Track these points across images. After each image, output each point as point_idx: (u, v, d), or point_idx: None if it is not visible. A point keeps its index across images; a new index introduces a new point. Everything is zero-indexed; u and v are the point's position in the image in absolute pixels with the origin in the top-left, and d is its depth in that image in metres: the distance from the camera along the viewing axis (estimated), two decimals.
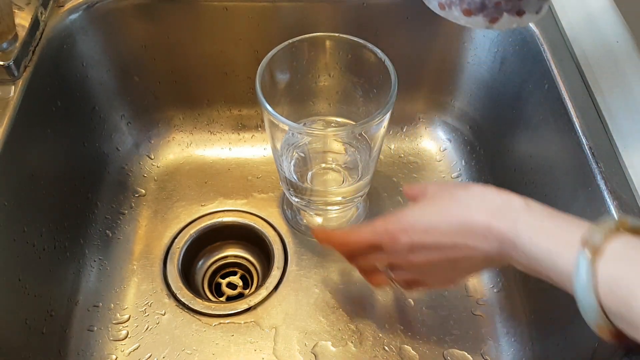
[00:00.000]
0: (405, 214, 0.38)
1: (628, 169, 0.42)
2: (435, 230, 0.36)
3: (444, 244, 0.36)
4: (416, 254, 0.38)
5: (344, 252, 0.43)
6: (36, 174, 0.48)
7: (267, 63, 0.45)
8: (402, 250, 0.38)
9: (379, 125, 0.44)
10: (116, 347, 0.50)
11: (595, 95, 0.46)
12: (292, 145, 0.51)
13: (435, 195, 0.38)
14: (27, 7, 0.49)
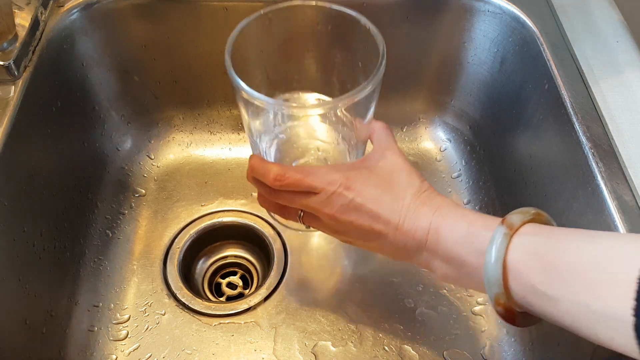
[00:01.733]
0: (359, 176, 0.38)
1: (628, 169, 0.42)
2: (374, 207, 0.37)
3: (370, 225, 0.38)
4: (346, 214, 0.38)
5: (276, 185, 0.39)
6: (36, 174, 0.48)
7: (236, 36, 0.40)
8: (336, 205, 0.38)
9: (366, 102, 0.39)
10: (116, 347, 0.50)
11: (595, 95, 0.46)
12: (272, 132, 0.45)
13: (380, 171, 0.39)
14: (27, 7, 0.49)
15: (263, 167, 0.39)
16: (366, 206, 0.37)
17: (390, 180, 0.38)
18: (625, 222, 0.39)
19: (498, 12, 0.54)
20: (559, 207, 0.46)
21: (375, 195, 0.37)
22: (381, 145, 0.41)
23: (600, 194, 0.41)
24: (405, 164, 0.40)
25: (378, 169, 0.39)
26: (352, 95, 0.36)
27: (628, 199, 0.40)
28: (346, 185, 0.37)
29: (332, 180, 0.37)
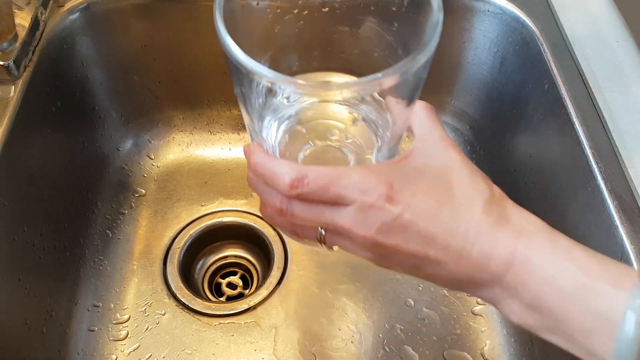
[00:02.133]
0: (407, 182, 0.28)
1: (628, 169, 0.42)
2: (429, 227, 0.28)
3: (424, 250, 0.28)
4: (389, 236, 0.28)
5: (292, 194, 0.28)
6: (36, 174, 0.48)
7: None
8: (375, 223, 0.28)
9: (415, 79, 0.28)
10: (116, 347, 0.50)
11: (595, 95, 0.46)
12: (275, 116, 0.34)
13: (432, 172, 0.29)
14: (27, 7, 0.49)
15: (272, 167, 0.29)
16: (417, 225, 0.27)
17: (449, 187, 0.28)
18: (625, 222, 0.39)
19: (498, 12, 0.54)
20: (559, 207, 0.46)
21: (431, 208, 0.27)
22: (428, 136, 0.31)
23: (600, 194, 0.41)
24: (465, 161, 0.30)
25: (430, 171, 0.29)
26: (400, 68, 0.26)
27: (628, 199, 0.40)
28: (389, 195, 0.27)
29: (368, 188, 0.27)
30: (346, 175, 0.28)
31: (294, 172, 0.28)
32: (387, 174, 0.28)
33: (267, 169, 0.29)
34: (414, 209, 0.27)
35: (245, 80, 0.28)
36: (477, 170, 0.30)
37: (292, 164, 0.29)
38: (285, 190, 0.28)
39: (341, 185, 0.27)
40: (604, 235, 0.40)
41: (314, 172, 0.28)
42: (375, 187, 0.27)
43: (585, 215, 0.43)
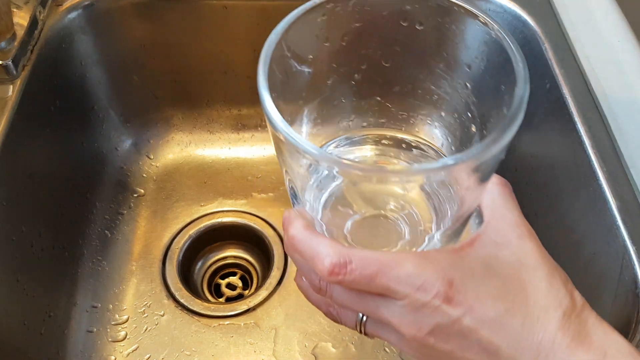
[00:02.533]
0: (471, 279, 0.24)
1: (630, 169, 0.41)
2: (493, 337, 0.24)
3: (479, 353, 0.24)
4: (443, 340, 0.24)
5: (332, 280, 0.24)
6: (34, 174, 0.47)
7: (276, 42, 0.26)
8: (428, 323, 0.24)
9: (493, 159, 0.24)
10: (115, 348, 0.50)
11: (596, 95, 0.46)
12: (321, 177, 0.29)
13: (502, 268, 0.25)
14: (26, 6, 0.48)
15: (311, 245, 0.25)
16: (479, 333, 0.23)
17: (521, 289, 0.24)
18: (627, 222, 0.39)
19: (499, 11, 0.54)
20: (561, 207, 0.46)
21: (497, 316, 0.23)
22: (500, 220, 0.26)
23: (602, 194, 0.41)
24: (543, 257, 0.25)
25: (500, 266, 0.24)
26: (476, 154, 0.22)
27: (630, 199, 0.40)
28: (448, 294, 0.23)
29: (424, 284, 0.23)
30: (398, 264, 0.24)
31: (336, 255, 0.24)
32: (448, 267, 0.24)
33: (306, 247, 0.25)
34: (476, 314, 0.23)
35: (288, 152, 0.24)
36: (556, 268, 0.25)
37: (335, 244, 0.25)
38: (324, 275, 0.24)
39: (391, 277, 0.23)
40: (605, 236, 0.40)
41: (360, 258, 0.24)
42: (433, 283, 0.23)
43: (586, 215, 0.43)
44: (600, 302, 0.40)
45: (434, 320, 0.23)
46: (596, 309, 0.36)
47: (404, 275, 0.23)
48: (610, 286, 0.39)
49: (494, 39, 0.25)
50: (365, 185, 0.29)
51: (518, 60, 0.24)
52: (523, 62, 0.24)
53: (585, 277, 0.42)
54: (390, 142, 0.32)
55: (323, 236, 0.25)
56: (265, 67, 0.25)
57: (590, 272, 0.42)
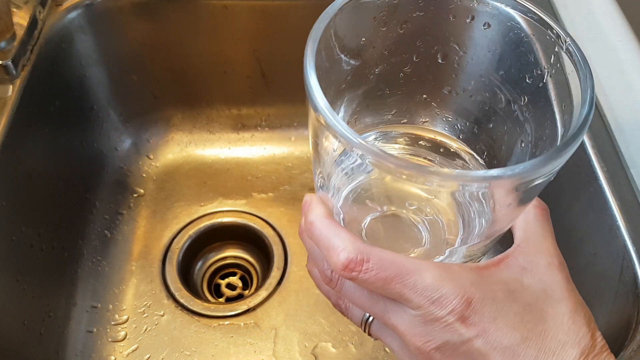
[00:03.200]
0: (491, 301, 0.23)
1: (630, 169, 0.41)
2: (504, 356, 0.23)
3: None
4: (451, 358, 0.23)
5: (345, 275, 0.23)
6: (34, 174, 0.47)
7: (330, 18, 0.24)
8: (437, 338, 0.23)
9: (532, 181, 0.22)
10: (115, 348, 0.50)
11: (597, 95, 0.46)
12: (349, 168, 0.28)
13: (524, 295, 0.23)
14: (25, 6, 0.48)
15: (329, 235, 0.24)
16: (490, 358, 0.23)
17: (542, 320, 0.23)
18: (627, 222, 0.39)
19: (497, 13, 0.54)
20: (561, 207, 0.46)
21: (511, 344, 0.22)
22: (532, 245, 0.25)
23: (602, 194, 0.41)
24: (570, 292, 0.24)
25: (523, 292, 0.23)
26: (526, 171, 0.20)
27: (630, 199, 0.40)
28: (463, 314, 0.22)
29: (441, 298, 0.22)
30: (417, 272, 0.22)
31: (354, 250, 0.23)
32: (469, 285, 0.22)
33: (323, 236, 0.24)
34: (490, 339, 0.22)
35: (322, 132, 0.23)
36: (582, 305, 0.24)
37: (355, 239, 0.23)
38: (337, 268, 0.23)
39: (407, 284, 0.22)
40: (606, 236, 0.40)
41: (378, 258, 0.23)
42: (450, 299, 0.22)
43: (587, 215, 0.43)
44: (600, 302, 0.40)
45: (444, 337, 0.23)
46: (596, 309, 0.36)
47: (421, 285, 0.22)
48: (611, 286, 0.39)
49: (564, 53, 0.23)
50: (395, 182, 0.27)
51: (587, 79, 0.22)
52: (591, 80, 0.22)
53: (585, 277, 0.42)
54: (428, 144, 0.31)
55: (343, 228, 0.24)
56: (315, 44, 0.23)
57: (590, 272, 0.42)
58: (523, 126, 0.27)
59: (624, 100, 0.45)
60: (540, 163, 0.20)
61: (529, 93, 0.26)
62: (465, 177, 0.20)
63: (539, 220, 0.26)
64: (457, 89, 0.29)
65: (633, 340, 0.35)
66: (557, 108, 0.24)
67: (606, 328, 0.39)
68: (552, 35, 0.24)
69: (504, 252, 0.25)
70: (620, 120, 0.44)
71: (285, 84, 0.61)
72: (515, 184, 0.21)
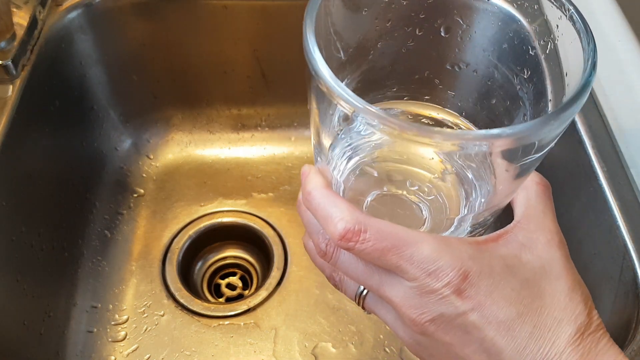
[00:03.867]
0: (488, 275, 0.23)
1: (630, 169, 0.41)
2: (498, 339, 0.22)
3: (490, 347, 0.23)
4: (445, 330, 0.23)
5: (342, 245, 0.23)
6: (34, 174, 0.47)
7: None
8: (433, 310, 0.23)
9: (540, 146, 0.23)
10: (115, 348, 0.49)
11: (597, 95, 0.46)
12: (350, 144, 0.28)
13: (522, 271, 0.23)
14: (25, 6, 0.48)
15: (327, 205, 0.24)
16: (484, 332, 0.22)
17: (538, 296, 0.23)
18: (627, 222, 0.39)
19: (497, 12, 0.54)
20: (561, 206, 0.46)
21: (507, 318, 0.22)
22: (532, 221, 0.25)
23: (602, 193, 0.41)
24: (569, 269, 0.24)
25: (521, 268, 0.23)
26: (531, 129, 0.20)
27: (630, 198, 0.40)
28: (459, 287, 0.22)
29: (437, 270, 0.22)
30: (415, 244, 0.22)
31: (352, 220, 0.23)
32: (466, 258, 0.22)
33: (321, 206, 0.24)
34: (485, 312, 0.22)
35: (323, 99, 0.23)
36: (579, 283, 0.24)
37: (353, 209, 0.23)
38: (334, 238, 0.23)
39: (404, 255, 0.22)
40: (605, 235, 0.40)
41: (376, 229, 0.23)
42: (446, 271, 0.22)
43: (587, 215, 0.43)
44: (600, 302, 0.40)
45: (439, 309, 0.22)
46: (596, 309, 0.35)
47: (418, 257, 0.22)
48: (611, 286, 0.39)
49: (568, 21, 0.23)
50: (395, 162, 0.28)
51: (589, 43, 0.22)
52: (593, 45, 0.23)
53: (585, 277, 0.42)
54: (430, 122, 0.30)
55: (342, 198, 0.24)
56: (313, 13, 0.23)
57: (590, 272, 0.42)
58: (524, 101, 0.26)
59: (624, 100, 0.45)
60: (540, 123, 0.20)
61: (531, 66, 0.26)
62: (467, 135, 0.20)
63: (540, 197, 0.25)
64: (459, 64, 0.28)
65: (633, 340, 0.35)
66: (559, 78, 0.24)
67: (606, 328, 0.39)
68: (554, 3, 0.24)
69: (504, 228, 0.25)
70: (620, 120, 0.44)
71: (285, 84, 0.61)
72: (515, 144, 0.21)
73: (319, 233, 0.26)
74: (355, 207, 0.24)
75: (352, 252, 0.23)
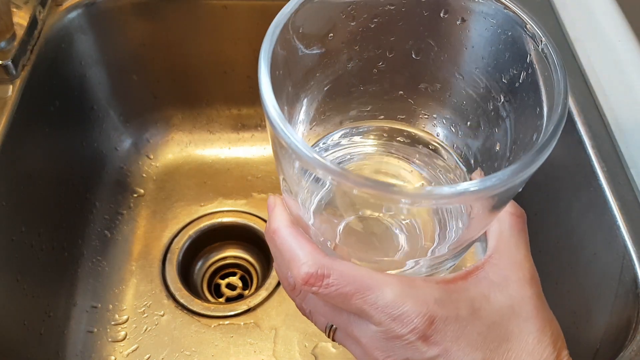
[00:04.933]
0: (454, 321, 0.22)
1: (630, 169, 0.41)
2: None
3: None
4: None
5: (305, 289, 0.23)
6: (34, 174, 0.47)
7: (284, 25, 0.24)
8: (398, 355, 0.23)
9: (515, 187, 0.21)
10: (115, 348, 0.49)
11: (597, 95, 0.46)
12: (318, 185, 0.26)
13: (490, 313, 0.23)
14: (25, 6, 0.48)
15: (291, 246, 0.24)
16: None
17: (505, 340, 0.22)
18: (627, 222, 0.39)
19: None
20: (561, 206, 0.46)
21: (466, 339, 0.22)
22: (504, 257, 0.24)
23: (602, 193, 0.41)
24: (539, 309, 0.23)
25: (489, 310, 0.23)
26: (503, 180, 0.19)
27: (630, 199, 0.40)
28: (425, 333, 0.22)
29: (402, 316, 0.22)
30: (378, 288, 0.22)
31: (314, 265, 0.22)
32: (432, 303, 0.22)
33: (285, 247, 0.24)
34: (451, 358, 0.22)
35: (283, 152, 0.21)
36: (550, 322, 0.23)
37: (315, 253, 0.23)
38: (298, 282, 0.23)
39: (368, 300, 0.22)
40: (606, 236, 0.40)
41: (339, 273, 0.22)
42: (411, 317, 0.21)
43: (587, 215, 0.43)
44: (600, 302, 0.40)
45: (405, 354, 0.22)
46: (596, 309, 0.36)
47: (382, 302, 0.22)
48: (610, 286, 0.39)
49: (541, 54, 0.22)
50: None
51: (560, 82, 0.21)
52: (565, 86, 0.21)
53: (585, 277, 0.42)
54: (407, 140, 0.30)
55: (306, 239, 0.24)
56: (271, 45, 0.22)
57: (590, 272, 0.42)
58: (500, 124, 0.26)
59: (624, 100, 0.45)
60: (513, 172, 0.19)
61: (506, 91, 0.25)
62: (433, 194, 0.19)
63: (513, 230, 0.25)
64: (433, 85, 0.28)
65: (633, 340, 0.35)
66: (533, 108, 0.23)
67: (606, 328, 0.39)
68: (527, 34, 0.23)
69: (475, 264, 0.24)
70: (620, 120, 0.44)
71: None
72: (490, 195, 0.20)
73: (285, 270, 0.25)
74: (319, 250, 0.23)
75: (316, 295, 0.23)
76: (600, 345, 0.38)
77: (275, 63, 0.22)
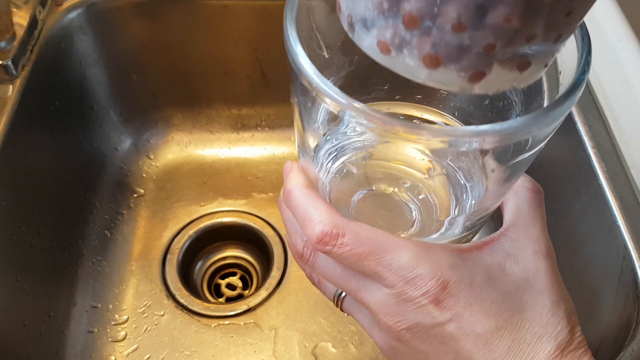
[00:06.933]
0: (468, 286, 0.22)
1: (630, 169, 0.41)
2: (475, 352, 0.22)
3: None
4: (421, 339, 0.22)
5: (319, 248, 0.23)
6: (34, 174, 0.47)
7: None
8: (409, 319, 0.22)
9: (532, 145, 0.22)
10: (115, 348, 0.49)
11: (597, 95, 0.46)
12: (337, 142, 0.27)
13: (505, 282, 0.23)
14: (25, 6, 0.48)
15: (306, 206, 0.23)
16: (460, 344, 0.22)
17: (519, 310, 0.22)
18: (627, 222, 0.39)
19: None
20: (561, 206, 0.46)
21: (485, 332, 0.22)
22: (520, 230, 0.24)
23: (602, 194, 0.41)
24: (554, 282, 0.23)
25: (504, 279, 0.23)
26: (523, 126, 0.19)
27: (630, 199, 0.40)
28: (438, 297, 0.21)
29: (415, 279, 0.21)
30: (394, 251, 0.22)
31: (330, 224, 0.22)
32: (447, 267, 0.22)
33: (300, 206, 0.23)
34: (463, 324, 0.21)
35: (307, 98, 0.22)
36: (564, 298, 0.23)
37: (333, 212, 0.22)
38: (312, 240, 0.22)
39: (383, 262, 0.22)
40: (606, 235, 0.40)
41: (355, 233, 0.22)
42: (425, 281, 0.21)
43: (587, 215, 0.43)
44: (600, 302, 0.40)
45: (416, 318, 0.22)
46: (596, 309, 0.36)
47: (396, 264, 0.21)
48: (610, 286, 0.39)
49: None
50: (385, 160, 0.27)
51: (584, 40, 0.21)
52: (588, 43, 0.21)
53: (585, 277, 0.42)
54: (422, 122, 0.29)
55: (322, 200, 0.23)
56: (294, 7, 0.22)
57: (590, 272, 0.42)
58: (517, 101, 0.26)
59: (624, 100, 0.45)
60: (530, 120, 0.19)
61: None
62: (456, 132, 0.19)
63: (530, 204, 0.25)
64: None
65: (633, 340, 0.35)
66: (554, 77, 0.23)
67: (606, 328, 0.39)
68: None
69: (490, 235, 0.24)
70: (620, 120, 0.44)
71: (285, 84, 0.60)
72: (506, 140, 0.20)
73: (297, 234, 0.25)
74: (335, 210, 0.23)
75: (329, 255, 0.23)
76: (600, 345, 0.38)
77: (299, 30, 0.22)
